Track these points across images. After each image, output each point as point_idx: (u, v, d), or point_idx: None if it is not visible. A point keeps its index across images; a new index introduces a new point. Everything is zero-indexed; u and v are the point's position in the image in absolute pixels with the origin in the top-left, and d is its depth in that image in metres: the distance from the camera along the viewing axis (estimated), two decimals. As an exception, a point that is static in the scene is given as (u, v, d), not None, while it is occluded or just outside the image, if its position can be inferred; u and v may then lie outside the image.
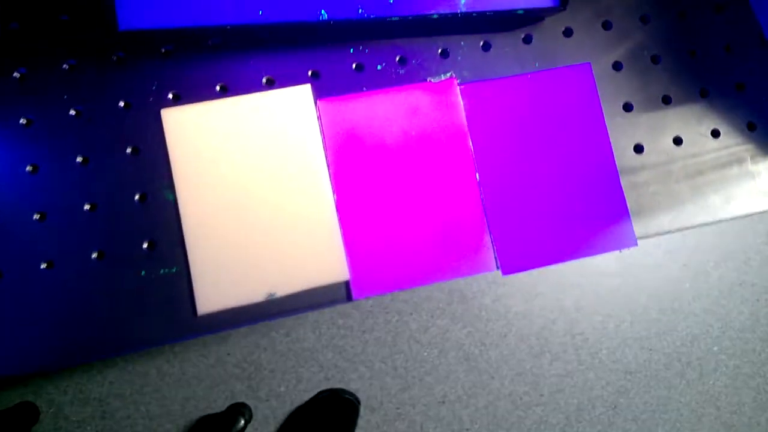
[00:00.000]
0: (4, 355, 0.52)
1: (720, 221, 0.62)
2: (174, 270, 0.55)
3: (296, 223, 0.56)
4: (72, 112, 0.56)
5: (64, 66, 0.57)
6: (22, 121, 0.56)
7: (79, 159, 0.56)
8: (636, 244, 0.60)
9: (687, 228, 0.61)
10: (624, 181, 0.61)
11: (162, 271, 0.55)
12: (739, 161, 0.64)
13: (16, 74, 0.56)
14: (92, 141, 0.56)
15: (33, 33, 0.57)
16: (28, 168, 0.55)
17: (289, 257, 0.55)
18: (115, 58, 0.57)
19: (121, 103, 0.57)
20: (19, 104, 0.56)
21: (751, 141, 0.64)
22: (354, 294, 0.56)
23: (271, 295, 0.54)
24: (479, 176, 0.59)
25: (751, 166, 0.64)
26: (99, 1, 0.57)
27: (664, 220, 0.61)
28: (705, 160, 0.63)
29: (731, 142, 0.64)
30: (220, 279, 0.54)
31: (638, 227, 0.61)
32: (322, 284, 0.56)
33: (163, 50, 0.58)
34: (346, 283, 0.56)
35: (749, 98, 0.65)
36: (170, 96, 0.58)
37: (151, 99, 0.57)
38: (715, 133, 0.64)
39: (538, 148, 0.61)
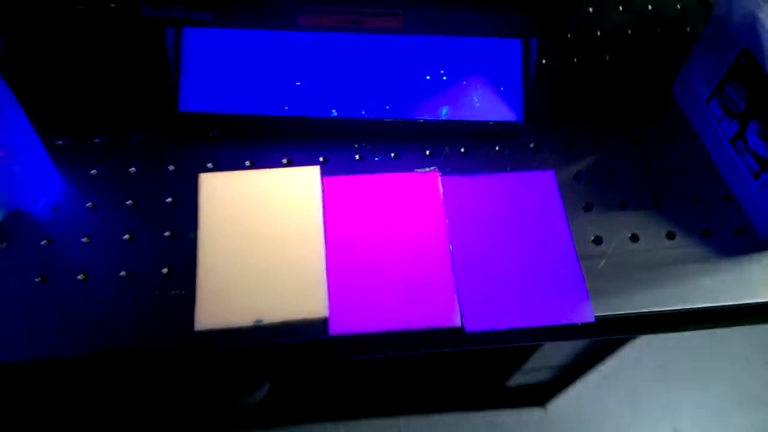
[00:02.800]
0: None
1: (677, 311, 0.67)
2: (182, 292, 0.65)
3: (289, 269, 0.66)
4: (132, 169, 0.73)
5: (133, 138, 0.75)
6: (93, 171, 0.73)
7: (129, 202, 0.71)
8: (594, 320, 0.65)
9: (644, 313, 0.67)
10: (584, 266, 0.68)
11: (173, 293, 0.65)
12: (694, 260, 0.70)
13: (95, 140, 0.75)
14: (143, 191, 0.72)
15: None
16: (88, 204, 0.70)
17: (275, 291, 0.64)
18: (174, 137, 0.76)
19: (171, 167, 0.73)
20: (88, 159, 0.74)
21: (706, 245, 0.72)
22: (330, 329, 0.63)
23: (258, 321, 0.63)
24: (452, 247, 0.69)
25: (704, 266, 0.70)
26: (163, 87, 0.76)
27: (622, 303, 0.67)
28: (662, 256, 0.71)
29: (687, 243, 0.72)
30: (217, 304, 0.63)
31: (598, 307, 0.66)
32: (303, 318, 0.64)
33: (210, 135, 0.76)
34: (325, 320, 0.64)
35: (703, 209, 0.74)
36: (209, 165, 0.74)
37: (193, 167, 0.73)
38: (671, 235, 0.72)
39: (506, 234, 0.70)
